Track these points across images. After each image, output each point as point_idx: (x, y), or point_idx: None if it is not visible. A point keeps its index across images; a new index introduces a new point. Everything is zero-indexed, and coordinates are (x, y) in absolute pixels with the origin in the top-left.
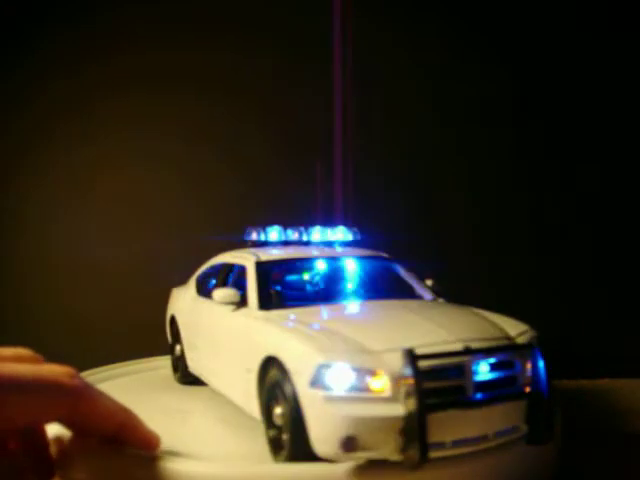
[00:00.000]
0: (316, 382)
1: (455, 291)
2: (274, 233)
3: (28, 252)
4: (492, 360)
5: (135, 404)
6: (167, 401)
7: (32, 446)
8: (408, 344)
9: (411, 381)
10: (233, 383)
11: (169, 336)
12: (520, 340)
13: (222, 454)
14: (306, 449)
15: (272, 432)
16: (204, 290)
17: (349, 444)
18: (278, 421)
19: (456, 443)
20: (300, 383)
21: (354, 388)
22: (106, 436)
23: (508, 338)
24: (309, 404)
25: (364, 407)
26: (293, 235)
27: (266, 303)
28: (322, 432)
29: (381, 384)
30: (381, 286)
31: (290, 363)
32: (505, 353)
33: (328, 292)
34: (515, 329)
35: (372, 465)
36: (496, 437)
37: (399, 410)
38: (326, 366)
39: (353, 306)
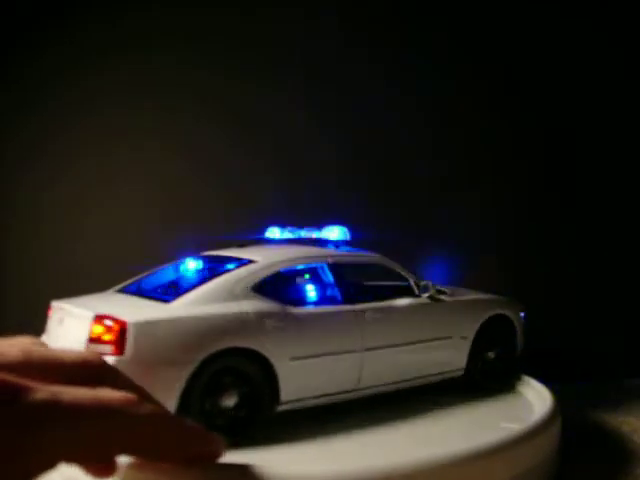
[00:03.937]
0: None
1: None
2: (334, 233)
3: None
4: None
5: None
6: None
7: None
8: None
9: None
10: (434, 356)
11: (179, 390)
12: None
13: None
14: None
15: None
16: (301, 298)
17: None
18: (490, 356)
19: None
20: (517, 321)
21: None
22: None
23: None
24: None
25: None
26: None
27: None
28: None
29: None
30: None
31: (513, 314)
32: None
33: None
34: None
35: None
36: None
37: None
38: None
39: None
